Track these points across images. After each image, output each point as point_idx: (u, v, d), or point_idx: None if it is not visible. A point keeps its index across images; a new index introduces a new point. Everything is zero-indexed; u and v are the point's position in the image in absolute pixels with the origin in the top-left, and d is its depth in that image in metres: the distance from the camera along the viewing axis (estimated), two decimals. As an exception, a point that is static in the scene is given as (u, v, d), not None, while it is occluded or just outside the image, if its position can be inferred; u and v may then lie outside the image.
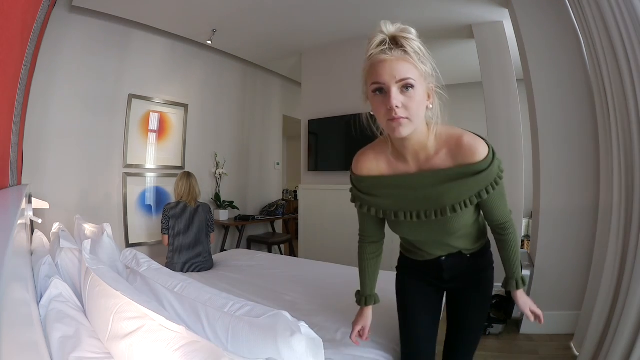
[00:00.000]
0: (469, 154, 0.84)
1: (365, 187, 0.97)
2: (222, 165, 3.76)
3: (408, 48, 0.79)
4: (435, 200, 0.89)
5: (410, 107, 0.79)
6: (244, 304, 0.92)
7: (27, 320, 0.66)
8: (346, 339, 1.20)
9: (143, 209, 3.14)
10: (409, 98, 0.79)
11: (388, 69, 0.78)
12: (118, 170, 2.96)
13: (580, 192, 2.11)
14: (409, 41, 0.79)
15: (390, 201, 0.95)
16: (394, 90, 0.78)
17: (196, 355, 0.63)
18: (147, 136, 3.17)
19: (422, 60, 0.81)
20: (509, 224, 0.99)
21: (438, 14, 2.85)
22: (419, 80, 0.80)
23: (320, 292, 1.70)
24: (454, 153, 0.86)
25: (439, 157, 0.88)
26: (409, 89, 0.78)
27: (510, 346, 2.06)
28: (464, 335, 1.11)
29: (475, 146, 0.84)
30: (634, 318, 1.40)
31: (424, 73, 0.81)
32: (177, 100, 3.39)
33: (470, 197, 0.87)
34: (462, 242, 1.02)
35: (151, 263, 1.30)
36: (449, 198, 0.88)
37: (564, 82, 2.16)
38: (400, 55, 0.79)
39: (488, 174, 0.85)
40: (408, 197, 0.92)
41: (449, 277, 1.07)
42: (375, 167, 0.96)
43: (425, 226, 0.95)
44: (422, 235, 1.00)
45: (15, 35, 1.15)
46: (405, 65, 0.78)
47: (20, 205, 1.02)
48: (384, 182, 0.95)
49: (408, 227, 0.98)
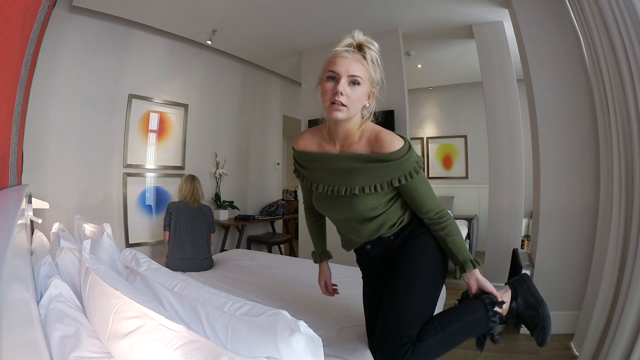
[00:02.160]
0: (382, 145, 1.00)
1: (301, 160, 1.16)
2: (222, 165, 3.76)
3: (367, 55, 0.99)
4: (347, 178, 1.04)
5: (351, 98, 0.97)
6: (243, 303, 0.92)
7: (27, 320, 0.66)
8: (345, 339, 1.20)
9: (143, 209, 3.14)
10: (353, 91, 0.97)
11: (345, 64, 0.97)
12: (118, 170, 2.96)
13: (580, 192, 2.11)
14: (370, 50, 1.00)
15: (314, 174, 1.13)
16: (343, 81, 0.97)
17: (196, 354, 0.63)
18: (147, 136, 3.17)
19: (374, 68, 1.00)
20: (441, 214, 1.06)
21: (438, 14, 2.85)
22: (366, 82, 0.99)
23: (319, 292, 1.69)
24: (372, 143, 1.03)
25: (359, 144, 1.05)
26: (355, 85, 0.97)
27: (510, 346, 2.06)
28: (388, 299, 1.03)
29: (388, 140, 0.99)
30: (634, 318, 1.40)
31: (371, 78, 1.00)
32: (177, 100, 3.39)
33: (381, 183, 1.01)
34: (374, 230, 1.10)
35: (151, 263, 1.30)
36: (359, 178, 1.02)
37: (564, 82, 2.16)
38: (358, 58, 0.98)
39: (399, 164, 0.98)
40: (326, 172, 1.09)
41: (382, 267, 1.16)
42: (309, 144, 1.14)
43: (337, 203, 1.09)
44: (335, 213, 1.13)
45: (15, 35, 1.15)
46: (359, 67, 0.98)
47: (20, 205, 1.02)
48: (313, 157, 1.13)
49: (323, 202, 1.13)
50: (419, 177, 1.01)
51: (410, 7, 2.77)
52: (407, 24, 3.04)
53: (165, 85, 3.30)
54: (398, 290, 1.03)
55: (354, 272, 2.03)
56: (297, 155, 1.17)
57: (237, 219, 3.77)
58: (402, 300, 1.01)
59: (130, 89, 3.00)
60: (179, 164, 3.42)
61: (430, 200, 1.04)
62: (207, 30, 3.19)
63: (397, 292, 1.03)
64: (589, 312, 1.77)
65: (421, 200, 1.04)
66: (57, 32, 2.49)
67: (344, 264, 2.34)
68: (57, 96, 2.55)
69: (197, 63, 3.60)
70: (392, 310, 1.00)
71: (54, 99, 2.53)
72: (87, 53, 2.70)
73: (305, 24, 3.12)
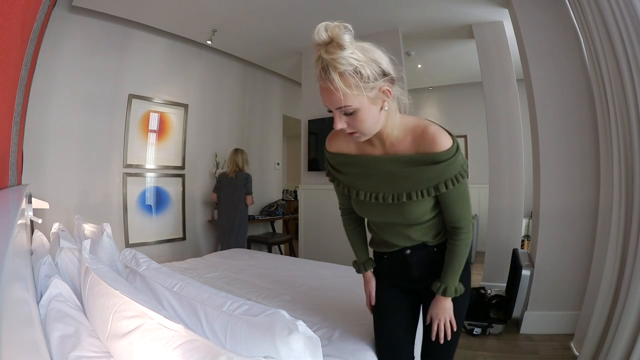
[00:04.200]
0: (431, 143, 0.87)
1: (336, 163, 1.03)
2: (222, 165, 3.76)
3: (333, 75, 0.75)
4: (393, 184, 0.93)
5: (354, 125, 0.83)
6: (242, 302, 0.92)
7: (27, 320, 0.66)
8: (345, 339, 1.20)
9: (143, 209, 3.15)
10: (352, 119, 0.83)
11: (327, 97, 0.80)
12: (118, 170, 2.96)
13: (580, 192, 2.11)
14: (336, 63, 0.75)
15: (354, 179, 1.00)
16: (337, 115, 0.82)
17: (194, 353, 0.63)
18: (147, 136, 3.18)
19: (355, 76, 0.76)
20: (464, 230, 0.97)
21: (438, 14, 2.85)
22: (356, 101, 0.79)
23: (319, 292, 1.70)
24: (417, 141, 0.89)
25: (403, 143, 0.92)
26: (350, 113, 0.81)
27: (510, 346, 2.06)
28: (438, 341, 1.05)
29: (438, 136, 0.86)
30: (634, 318, 1.40)
31: (360, 91, 0.78)
32: (177, 100, 3.39)
33: (428, 188, 0.90)
34: (422, 234, 1.02)
35: (150, 263, 1.30)
36: (406, 184, 0.91)
37: (564, 82, 2.16)
38: (331, 84, 0.77)
39: (447, 166, 0.86)
40: (369, 177, 0.97)
41: (419, 275, 1.06)
42: (344, 145, 1.00)
43: (383, 209, 0.98)
44: (379, 217, 1.02)
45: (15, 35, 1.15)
46: (337, 95, 0.77)
47: (20, 205, 1.02)
48: (350, 160, 0.99)
49: (367, 207, 1.01)
50: (464, 182, 0.91)
51: (410, 7, 2.77)
52: (407, 24, 3.04)
53: (165, 85, 3.30)
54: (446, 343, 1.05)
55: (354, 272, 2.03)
56: (332, 157, 1.03)
57: (237, 219, 3.77)
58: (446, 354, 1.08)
59: (130, 89, 3.00)
60: (179, 164, 3.42)
61: (467, 210, 0.96)
62: (207, 30, 3.20)
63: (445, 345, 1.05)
64: (589, 312, 1.77)
65: (459, 208, 0.94)
66: (57, 32, 2.49)
67: (345, 264, 2.34)
68: (57, 96, 2.55)
69: (197, 63, 3.60)
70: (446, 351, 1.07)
71: (54, 99, 2.54)
72: (87, 53, 2.70)
73: (305, 24, 3.12)
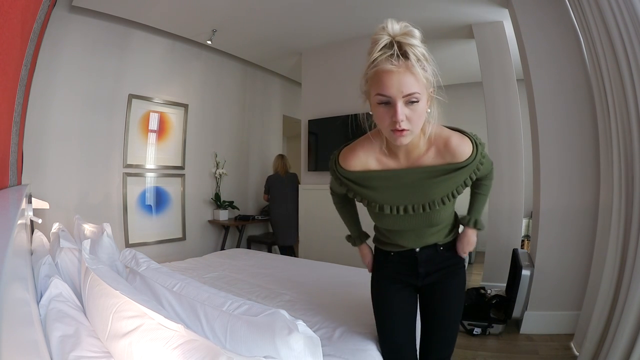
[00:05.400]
0: (456, 155, 0.89)
1: (354, 178, 0.97)
2: (222, 165, 3.76)
3: (412, 57, 0.77)
4: (423, 194, 0.94)
5: (413, 119, 0.81)
6: (242, 302, 0.92)
7: (27, 320, 0.66)
8: (346, 338, 1.20)
9: (143, 209, 3.15)
10: (413, 111, 0.80)
11: (395, 82, 0.78)
12: (118, 170, 2.96)
13: (580, 192, 2.11)
14: (413, 48, 0.78)
15: (377, 194, 0.97)
16: (399, 105, 0.79)
17: (194, 353, 0.63)
18: (147, 136, 3.18)
19: (425, 68, 0.80)
20: (489, 176, 1.08)
21: (438, 14, 2.85)
22: (423, 93, 0.80)
23: (319, 292, 1.70)
24: (442, 153, 0.91)
25: (427, 155, 0.92)
26: (414, 102, 0.80)
27: (510, 346, 2.06)
28: (441, 331, 1.09)
29: (462, 148, 0.89)
30: (634, 318, 1.40)
31: (425, 83, 0.81)
32: (177, 100, 3.39)
33: (457, 187, 0.93)
34: (437, 236, 1.06)
35: (150, 263, 1.30)
36: (437, 192, 0.93)
37: (564, 82, 2.16)
38: (405, 67, 0.78)
39: (472, 165, 0.91)
40: (395, 192, 0.95)
41: (425, 272, 1.08)
42: (364, 162, 0.96)
43: (410, 219, 0.98)
44: (404, 226, 1.01)
45: (15, 35, 1.15)
46: (411, 79, 0.78)
47: (20, 205, 1.02)
48: (372, 175, 0.96)
49: (392, 220, 1.00)
50: (487, 160, 0.96)
51: (410, 7, 2.77)
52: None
53: (165, 85, 3.31)
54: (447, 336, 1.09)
55: (355, 272, 2.04)
56: (349, 174, 0.97)
57: (237, 219, 3.78)
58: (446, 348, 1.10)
59: (130, 89, 3.00)
60: (179, 164, 3.42)
61: (491, 165, 1.04)
62: (207, 30, 3.20)
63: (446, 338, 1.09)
64: (589, 312, 1.77)
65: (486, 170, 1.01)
66: (57, 32, 2.49)
67: (345, 264, 2.34)
68: (57, 96, 2.55)
69: (197, 63, 3.60)
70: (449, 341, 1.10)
71: (54, 99, 2.54)
72: (87, 53, 2.70)
73: (305, 24, 3.12)
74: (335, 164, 1.00)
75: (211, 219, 3.76)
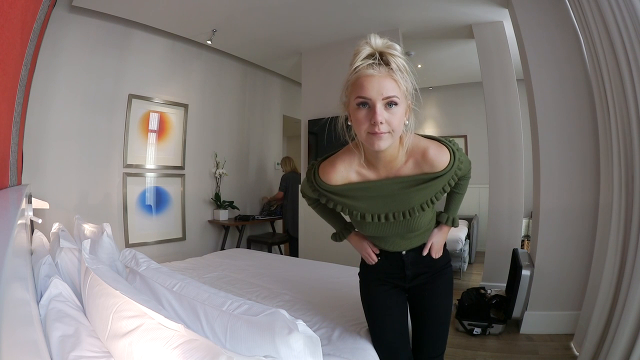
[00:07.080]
0: (434, 165, 0.92)
1: (334, 190, 0.98)
2: (222, 165, 3.76)
3: (393, 65, 0.82)
4: (402, 202, 0.96)
5: (392, 122, 0.83)
6: (242, 302, 0.92)
7: (27, 320, 0.66)
8: (345, 338, 1.20)
9: (143, 209, 3.15)
10: (392, 114, 0.83)
11: (375, 85, 0.81)
12: (118, 170, 2.96)
13: (580, 192, 2.11)
14: (395, 58, 0.82)
15: (358, 203, 0.99)
16: (379, 106, 0.81)
17: (194, 353, 0.63)
18: (147, 136, 3.18)
19: (404, 78, 0.84)
20: (467, 176, 1.09)
21: (438, 14, 2.85)
22: (402, 98, 0.84)
23: (319, 292, 1.70)
24: (420, 163, 0.93)
25: (406, 166, 0.94)
26: (393, 106, 0.82)
27: (510, 346, 2.06)
28: (432, 329, 1.10)
29: (439, 158, 0.91)
30: (634, 318, 1.40)
31: (405, 92, 0.84)
32: (177, 100, 3.39)
33: (436, 194, 0.96)
34: (421, 239, 1.08)
35: (150, 263, 1.30)
36: (416, 200, 0.96)
37: (564, 82, 2.16)
38: (386, 72, 0.82)
39: (450, 173, 0.94)
40: (376, 201, 0.98)
41: (412, 274, 1.10)
42: (345, 176, 0.97)
43: (391, 226, 1.00)
44: (385, 232, 1.03)
45: (15, 35, 1.15)
46: (391, 83, 0.82)
47: (20, 205, 1.02)
48: (352, 187, 0.98)
49: (373, 227, 1.02)
50: (464, 161, 0.98)
51: (410, 7, 2.77)
52: (407, 24, 3.04)
53: (165, 85, 3.31)
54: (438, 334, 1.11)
55: (355, 272, 2.03)
56: (331, 188, 0.98)
57: (237, 219, 3.78)
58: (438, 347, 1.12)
59: (130, 89, 3.00)
60: (179, 164, 3.42)
61: (469, 164, 1.06)
62: (207, 30, 3.20)
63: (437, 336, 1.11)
64: (589, 312, 1.77)
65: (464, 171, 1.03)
66: (57, 32, 2.49)
67: (345, 264, 2.34)
68: (57, 96, 2.55)
69: (197, 63, 3.60)
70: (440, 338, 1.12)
71: (54, 99, 2.54)
72: (87, 53, 2.70)
73: (305, 24, 3.12)
74: (314, 176, 1.00)
75: (211, 219, 3.76)
